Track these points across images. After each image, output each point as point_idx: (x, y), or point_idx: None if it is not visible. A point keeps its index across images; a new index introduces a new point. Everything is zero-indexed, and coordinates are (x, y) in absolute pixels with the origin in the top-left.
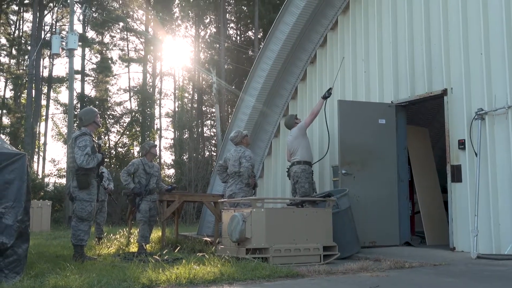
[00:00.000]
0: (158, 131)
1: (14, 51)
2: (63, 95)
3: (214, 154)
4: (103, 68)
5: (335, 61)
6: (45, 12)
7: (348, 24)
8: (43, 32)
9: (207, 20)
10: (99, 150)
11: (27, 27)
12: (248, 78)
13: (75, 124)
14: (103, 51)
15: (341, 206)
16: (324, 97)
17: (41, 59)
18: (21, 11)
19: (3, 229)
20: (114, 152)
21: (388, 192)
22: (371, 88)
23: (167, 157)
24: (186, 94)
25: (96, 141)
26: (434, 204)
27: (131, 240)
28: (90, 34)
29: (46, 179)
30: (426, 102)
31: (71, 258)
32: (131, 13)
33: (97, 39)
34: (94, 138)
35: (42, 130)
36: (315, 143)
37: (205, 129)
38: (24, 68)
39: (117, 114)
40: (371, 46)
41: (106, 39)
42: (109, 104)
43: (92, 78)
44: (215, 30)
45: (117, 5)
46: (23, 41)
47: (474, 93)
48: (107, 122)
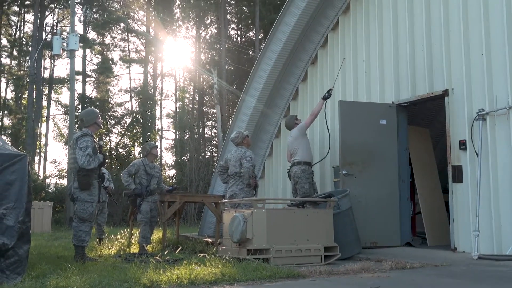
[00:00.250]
0: (159, 132)
1: (15, 52)
2: (64, 96)
3: (215, 155)
4: (104, 69)
5: (336, 62)
6: (46, 13)
7: (349, 25)
8: (44, 33)
9: (208, 21)
10: (100, 151)
11: (28, 28)
12: (249, 79)
13: (76, 125)
14: (104, 52)
15: (342, 207)
16: (324, 98)
17: (42, 60)
18: (22, 12)
19: (4, 230)
20: (115, 153)
21: (389, 193)
22: (372, 89)
23: (168, 158)
24: (187, 95)
25: (97, 142)
26: (435, 205)
27: (132, 241)
28: (91, 35)
29: (47, 180)
30: (427, 103)
31: (72, 259)
32: (132, 14)
33: (98, 40)
34: (95, 139)
35: (43, 131)
36: (316, 144)
37: (206, 130)
38: (25, 69)
39: (118, 115)
40: (372, 47)
41: (107, 40)
42: (110, 105)
43: (93, 79)
44: (216, 31)
45: (118, 6)
46: (24, 42)
47: (475, 94)
48: (108, 123)
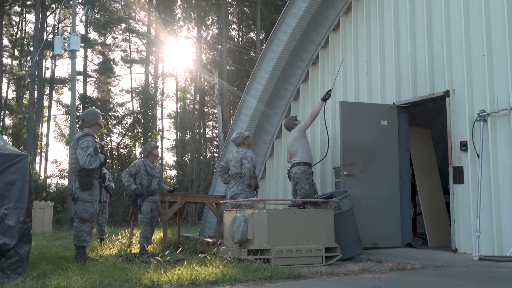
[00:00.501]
0: (160, 132)
1: (17, 52)
2: (65, 96)
3: (216, 155)
4: (105, 69)
5: (337, 62)
6: (47, 13)
7: (350, 25)
8: (45, 33)
9: (209, 21)
10: (102, 151)
11: (30, 28)
12: (250, 79)
13: (77, 125)
14: (105, 52)
15: (343, 208)
16: (324, 99)
17: (43, 60)
18: (24, 12)
19: (6, 230)
20: (116, 153)
21: (390, 194)
22: (373, 89)
23: (169, 158)
24: (188, 95)
25: (99, 142)
26: (436, 206)
27: (133, 241)
28: (92, 35)
29: (48, 180)
30: (428, 104)
31: (73, 259)
32: (133, 14)
33: (99, 40)
34: (97, 139)
35: (44, 131)
36: (317, 144)
37: (207, 130)
38: (27, 69)
39: (119, 115)
40: (373, 47)
41: (108, 40)
42: (111, 105)
43: (94, 79)
44: (217, 31)
45: (119, 6)
46: (26, 42)
47: (476, 95)
48: (109, 123)
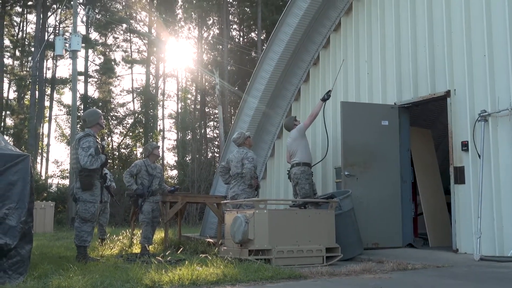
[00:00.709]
0: (161, 132)
1: (18, 53)
2: (67, 97)
3: (217, 155)
4: (106, 70)
5: (338, 63)
6: (49, 14)
7: (351, 26)
8: (47, 34)
9: (210, 22)
10: (103, 151)
11: (31, 29)
12: (251, 80)
13: (79, 125)
14: (106, 53)
15: (344, 208)
16: (323, 99)
17: (45, 61)
18: (25, 13)
19: (7, 230)
20: (117, 154)
21: (391, 194)
22: (374, 90)
23: (170, 158)
24: (189, 96)
25: (100, 142)
26: (437, 206)
27: (134, 241)
28: (93, 36)
29: (50, 180)
30: (429, 104)
31: (74, 259)
32: (134, 15)
33: (100, 41)
34: (98, 140)
35: (46, 131)
36: (318, 145)
37: (208, 130)
38: (28, 70)
39: (120, 115)
40: (374, 48)
41: (109, 41)
42: (112, 106)
43: (95, 80)
44: (218, 32)
45: (120, 7)
46: (27, 43)
47: (477, 95)
48: (110, 123)
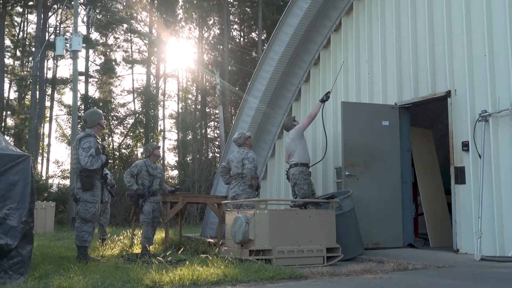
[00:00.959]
0: (162, 133)
1: (19, 53)
2: (67, 97)
3: (218, 156)
4: (107, 70)
5: (339, 63)
6: (49, 14)
7: (352, 26)
8: (47, 34)
9: (211, 22)
10: (103, 152)
11: (32, 29)
12: (252, 80)
13: (79, 126)
14: (107, 53)
15: (345, 208)
16: (322, 101)
17: (45, 61)
18: (26, 13)
19: (8, 231)
20: (118, 154)
21: (392, 194)
22: (375, 90)
23: (171, 159)
24: (190, 96)
25: (100, 143)
26: (438, 206)
27: (135, 242)
28: (94, 36)
29: (50, 181)
30: (430, 104)
31: (75, 259)
32: (135, 15)
33: (101, 41)
34: (98, 140)
35: (46, 132)
36: (319, 144)
37: (209, 131)
38: (28, 70)
39: (121, 116)
40: (375, 48)
41: (110, 41)
42: (113, 106)
43: (96, 80)
44: (219, 32)
45: (121, 7)
46: (27, 43)
47: (478, 95)
48: (111, 124)
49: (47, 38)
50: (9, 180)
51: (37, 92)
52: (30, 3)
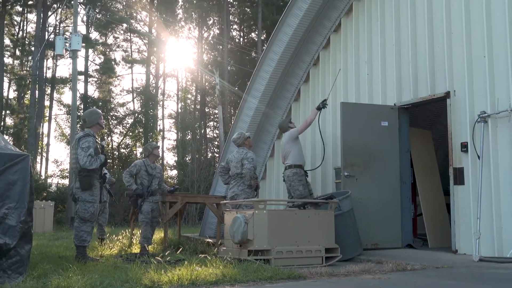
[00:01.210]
0: (161, 132)
1: (18, 52)
2: (66, 96)
3: (217, 156)
4: (106, 69)
5: (338, 64)
6: (49, 13)
7: (351, 26)
8: (47, 33)
9: (211, 22)
10: (102, 151)
11: (31, 28)
12: (251, 80)
13: (78, 125)
14: (107, 52)
15: (344, 208)
16: (319, 108)
17: (45, 60)
18: (25, 12)
19: (6, 230)
20: (117, 153)
21: (391, 194)
22: (374, 90)
23: (170, 158)
24: (189, 96)
25: (99, 142)
26: (437, 207)
27: (133, 241)
28: (94, 35)
29: (49, 180)
30: (429, 105)
31: (74, 259)
32: (135, 15)
33: (101, 40)
34: (97, 139)
35: (45, 131)
36: (318, 148)
37: (208, 131)
38: (28, 69)
39: (120, 115)
40: (374, 48)
41: (110, 40)
42: (112, 105)
43: (96, 79)
44: (218, 32)
45: (121, 7)
46: (27, 42)
47: (477, 96)
48: (110, 123)
49: (47, 38)
50: (8, 180)
51: (37, 92)
52: (30, 2)
